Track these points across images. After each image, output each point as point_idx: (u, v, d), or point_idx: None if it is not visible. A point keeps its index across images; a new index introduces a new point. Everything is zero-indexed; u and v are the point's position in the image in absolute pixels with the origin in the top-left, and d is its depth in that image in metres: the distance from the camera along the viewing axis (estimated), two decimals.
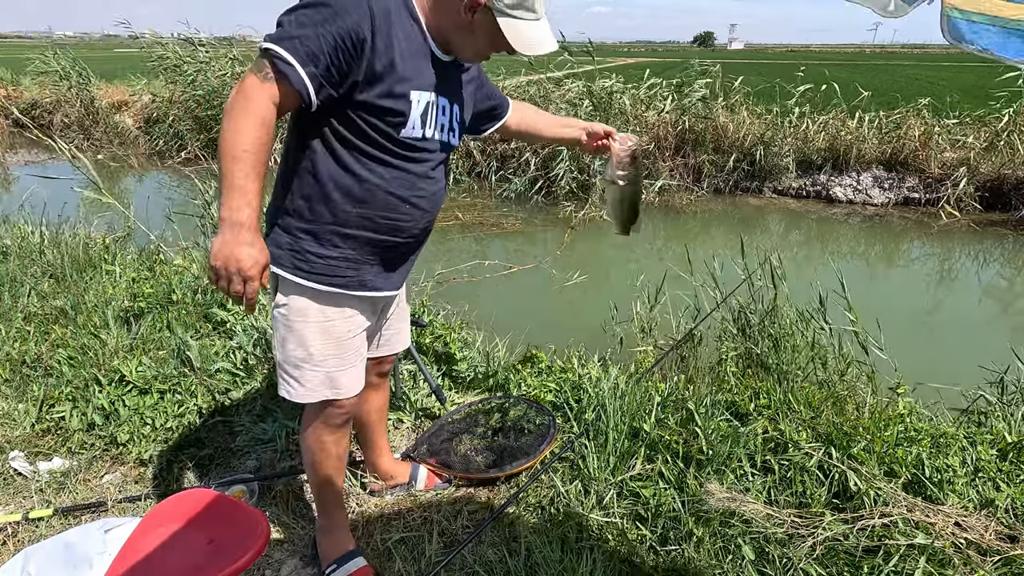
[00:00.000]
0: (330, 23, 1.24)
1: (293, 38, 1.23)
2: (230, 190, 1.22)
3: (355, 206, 1.42)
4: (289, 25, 1.25)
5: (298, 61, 1.23)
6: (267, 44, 1.24)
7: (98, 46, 68.33)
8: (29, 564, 1.68)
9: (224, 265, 1.23)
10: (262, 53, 1.25)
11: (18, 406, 2.54)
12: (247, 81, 1.25)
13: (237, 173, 1.22)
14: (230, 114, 1.23)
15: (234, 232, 1.22)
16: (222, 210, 1.22)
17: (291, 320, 1.50)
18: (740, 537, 1.79)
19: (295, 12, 1.26)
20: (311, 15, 1.25)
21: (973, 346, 4.29)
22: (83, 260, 3.96)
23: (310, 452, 1.69)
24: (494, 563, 1.79)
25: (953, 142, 8.62)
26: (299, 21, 1.25)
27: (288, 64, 1.23)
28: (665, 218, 8.30)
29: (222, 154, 1.22)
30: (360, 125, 1.36)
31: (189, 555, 1.36)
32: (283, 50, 1.22)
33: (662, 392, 2.48)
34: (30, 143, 12.92)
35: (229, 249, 1.22)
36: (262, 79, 1.24)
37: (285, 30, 1.25)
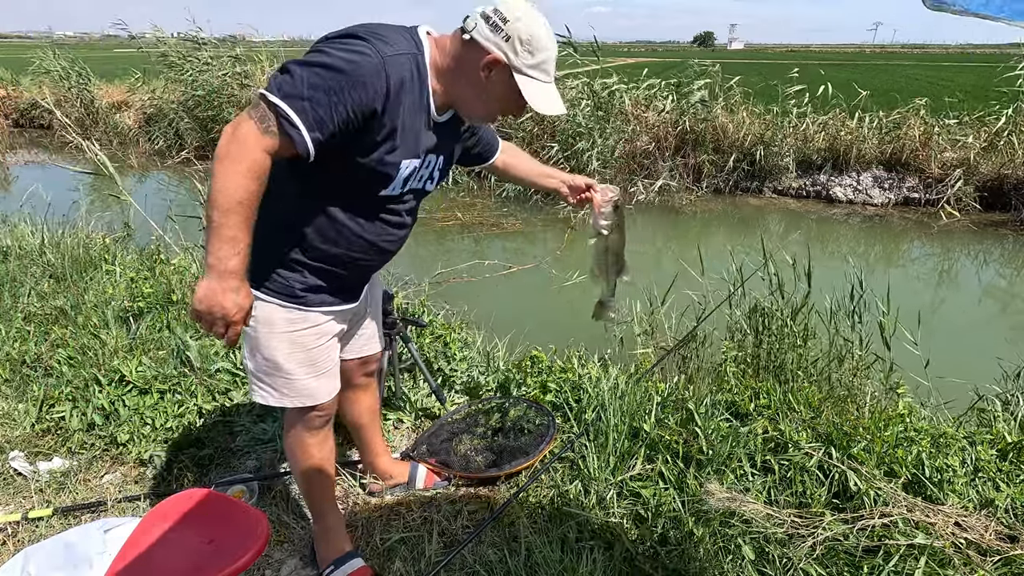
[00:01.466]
0: (345, 93, 1.21)
1: (304, 99, 1.19)
2: (220, 240, 1.20)
3: (322, 243, 1.44)
4: (300, 82, 1.19)
5: (305, 126, 1.20)
6: (275, 99, 1.18)
7: (98, 46, 68.29)
8: (29, 564, 1.68)
9: (208, 310, 1.23)
10: (268, 105, 1.19)
11: (18, 406, 2.54)
12: (244, 128, 1.19)
13: (230, 225, 1.19)
14: (224, 162, 1.18)
15: (221, 280, 1.22)
16: (210, 257, 1.20)
17: (258, 331, 1.50)
18: (740, 537, 1.79)
19: (309, 68, 1.20)
20: (327, 78, 1.20)
21: (973, 346, 4.30)
22: (83, 260, 3.96)
23: (294, 457, 1.70)
24: (494, 563, 1.79)
25: (953, 142, 8.62)
26: (312, 82, 1.19)
27: (294, 127, 1.20)
28: (665, 218, 8.30)
29: (214, 204, 1.18)
30: (343, 177, 1.37)
31: (189, 555, 1.36)
32: (292, 111, 1.19)
33: (662, 392, 2.48)
34: (30, 143, 12.94)
35: (215, 296, 1.22)
36: (262, 131, 1.19)
37: (295, 86, 1.19)
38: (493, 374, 2.87)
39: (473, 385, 2.80)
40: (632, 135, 8.93)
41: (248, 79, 11.12)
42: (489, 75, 1.33)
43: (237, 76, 11.03)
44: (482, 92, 1.37)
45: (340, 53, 1.22)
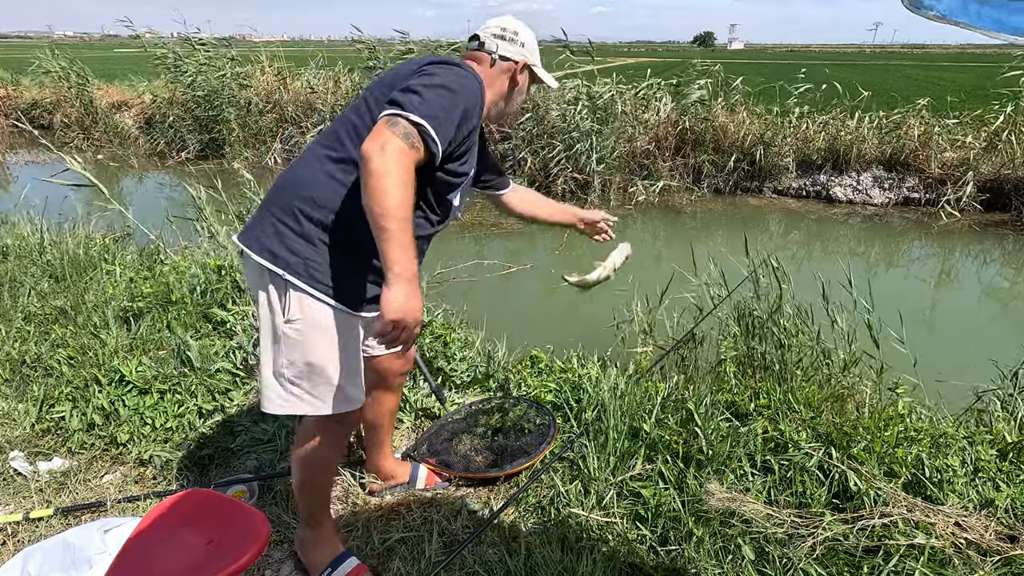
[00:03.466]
0: (461, 110, 1.41)
1: (437, 118, 1.35)
2: (398, 247, 1.30)
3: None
4: (430, 101, 1.36)
5: (441, 140, 1.37)
6: (417, 119, 1.33)
7: (98, 46, 68.28)
8: (29, 564, 1.68)
9: (404, 317, 1.31)
10: (409, 123, 1.33)
11: (18, 406, 2.54)
12: (394, 145, 1.30)
13: (406, 232, 1.30)
14: (387, 177, 1.27)
15: (410, 284, 1.31)
16: (395, 267, 1.30)
17: (309, 335, 1.48)
18: (740, 537, 1.79)
19: (432, 88, 1.38)
20: (449, 98, 1.39)
21: (973, 346, 4.30)
22: (83, 260, 3.96)
23: (309, 468, 1.67)
24: (494, 563, 1.79)
25: (953, 142, 8.62)
26: (441, 103, 1.37)
27: (434, 141, 1.36)
28: (665, 218, 8.30)
29: (388, 215, 1.28)
30: (426, 182, 1.49)
31: (189, 555, 1.36)
32: (432, 128, 1.34)
33: (662, 392, 2.48)
34: (30, 143, 12.94)
35: (409, 301, 1.31)
36: (410, 147, 1.32)
37: (428, 105, 1.35)
38: (493, 374, 2.87)
39: (473, 385, 2.80)
40: (632, 135, 8.93)
41: (248, 79, 11.11)
42: (520, 76, 1.65)
43: (236, 76, 11.02)
44: (512, 93, 1.67)
45: (453, 76, 1.43)
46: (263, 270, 1.46)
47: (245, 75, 11.16)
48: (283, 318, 1.47)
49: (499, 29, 1.63)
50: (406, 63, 1.55)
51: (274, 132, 10.60)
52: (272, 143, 10.47)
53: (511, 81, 1.65)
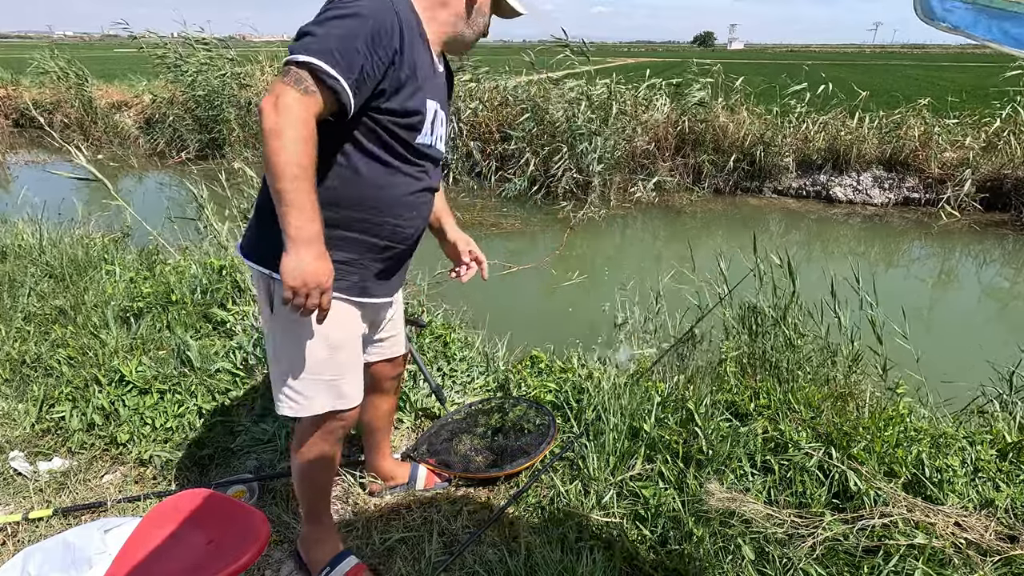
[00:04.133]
0: (365, 33, 1.24)
1: (330, 50, 1.21)
2: (294, 208, 1.21)
3: (364, 211, 1.43)
4: (323, 35, 1.22)
5: (342, 74, 1.21)
6: (305, 57, 1.20)
7: (98, 46, 68.30)
8: (29, 564, 1.68)
9: (304, 282, 1.24)
10: (298, 65, 1.21)
11: (18, 406, 2.54)
12: (286, 96, 1.19)
13: (300, 191, 1.21)
14: (276, 133, 1.18)
15: (309, 248, 1.23)
16: (289, 228, 1.22)
17: (289, 328, 1.45)
18: (740, 537, 1.79)
19: (326, 22, 1.24)
20: (346, 25, 1.23)
21: (973, 346, 4.29)
22: (83, 260, 3.96)
23: (308, 467, 1.64)
24: (494, 563, 1.79)
25: (953, 142, 8.62)
26: (335, 33, 1.22)
27: (332, 76, 1.21)
28: (665, 218, 8.30)
29: (278, 174, 1.19)
30: (379, 132, 1.37)
31: (189, 555, 1.36)
32: (324, 63, 1.20)
33: (662, 392, 2.48)
34: (30, 143, 12.93)
35: (307, 266, 1.24)
36: (302, 92, 1.20)
37: (319, 40, 1.21)
38: (493, 374, 2.87)
39: (473, 385, 2.80)
40: (632, 135, 8.93)
41: (248, 79, 11.12)
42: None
43: (236, 76, 11.02)
44: (465, 14, 1.46)
45: (348, 4, 1.25)
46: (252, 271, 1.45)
47: (245, 75, 11.16)
48: (270, 311, 1.45)
49: None
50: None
51: None
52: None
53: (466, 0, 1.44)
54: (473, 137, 9.53)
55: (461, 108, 9.52)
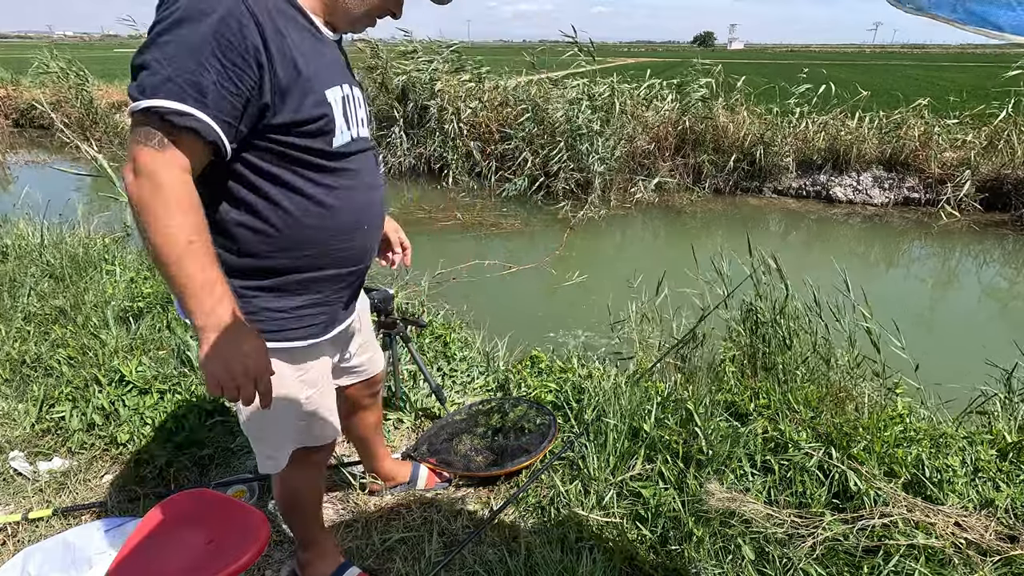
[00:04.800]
0: (208, 41, 0.96)
1: (171, 80, 0.94)
2: (194, 293, 0.99)
3: (314, 246, 1.21)
4: (157, 64, 0.95)
5: (196, 107, 0.96)
6: (145, 103, 0.94)
7: (98, 46, 68.33)
8: (29, 564, 1.68)
9: (227, 373, 1.03)
10: (141, 118, 0.96)
11: (18, 406, 2.54)
12: (141, 159, 0.96)
13: (193, 270, 0.98)
14: (147, 208, 0.96)
15: (225, 333, 1.01)
16: (194, 318, 1.01)
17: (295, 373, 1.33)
18: (740, 537, 1.79)
19: (157, 45, 0.96)
20: (180, 37, 0.95)
21: (973, 346, 4.30)
22: (83, 260, 3.96)
23: (293, 501, 1.59)
24: (494, 563, 1.79)
25: (953, 142, 8.62)
26: (169, 53, 0.95)
27: (183, 114, 0.96)
28: (665, 218, 8.30)
29: (163, 258, 0.97)
30: (285, 152, 1.11)
31: (189, 555, 1.36)
32: (171, 101, 0.94)
33: (662, 392, 2.48)
34: (30, 143, 12.94)
35: (226, 354, 1.02)
36: (157, 148, 0.96)
37: (154, 73, 0.95)
38: (493, 374, 2.87)
39: (473, 385, 2.80)
40: (632, 135, 8.93)
41: None
42: None
43: None
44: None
45: (168, 11, 0.97)
46: None
47: None
48: None
49: None
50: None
51: None
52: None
53: None
54: (473, 137, 9.53)
55: (461, 108, 9.52)
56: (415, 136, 9.87)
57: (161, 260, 0.98)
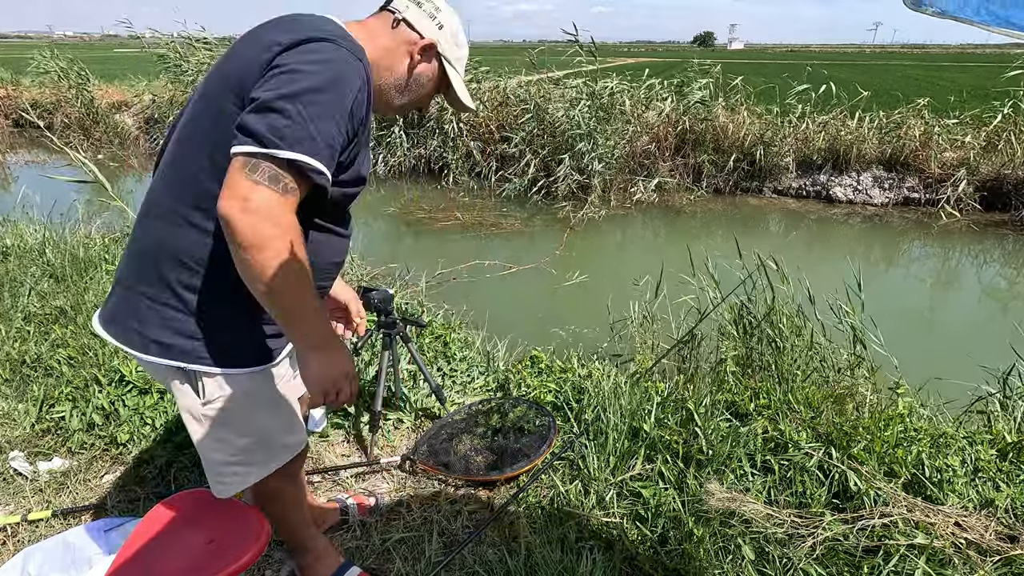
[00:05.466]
0: (344, 109, 1.07)
1: (315, 140, 1.03)
2: (307, 319, 1.11)
3: None
4: (301, 120, 1.02)
5: (327, 165, 1.06)
6: (288, 154, 1.01)
7: (98, 46, 68.34)
8: (29, 564, 1.68)
9: (334, 383, 1.17)
10: (275, 162, 1.02)
11: (18, 406, 2.54)
12: (264, 200, 1.01)
13: (308, 300, 1.10)
14: (268, 247, 1.01)
15: (329, 352, 1.15)
16: (307, 340, 1.13)
17: (235, 410, 1.28)
18: (740, 537, 1.79)
19: (299, 99, 1.02)
20: (324, 103, 1.04)
21: (973, 346, 4.30)
22: (83, 260, 3.96)
23: (281, 507, 1.56)
24: (494, 563, 1.79)
25: (953, 142, 8.62)
26: (312, 113, 1.03)
27: (322, 174, 1.06)
28: (665, 218, 8.30)
29: (282, 291, 1.05)
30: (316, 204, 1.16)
31: (189, 555, 1.36)
32: (312, 159, 1.03)
33: (662, 392, 2.48)
34: (30, 143, 12.94)
35: (332, 369, 1.16)
36: (282, 192, 1.03)
37: (299, 127, 1.02)
38: (493, 374, 2.87)
39: (473, 385, 2.80)
40: (632, 135, 8.93)
41: None
42: (419, 60, 1.26)
43: None
44: (404, 79, 1.26)
45: (321, 66, 1.05)
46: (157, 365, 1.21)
47: None
48: (200, 401, 1.26)
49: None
50: (252, 39, 1.13)
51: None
52: None
53: (408, 59, 1.25)
54: (473, 137, 9.53)
55: None
56: (415, 136, 9.87)
57: (277, 295, 1.05)
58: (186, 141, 1.18)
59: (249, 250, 1.01)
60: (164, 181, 1.19)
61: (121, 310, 1.22)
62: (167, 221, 1.16)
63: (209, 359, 1.21)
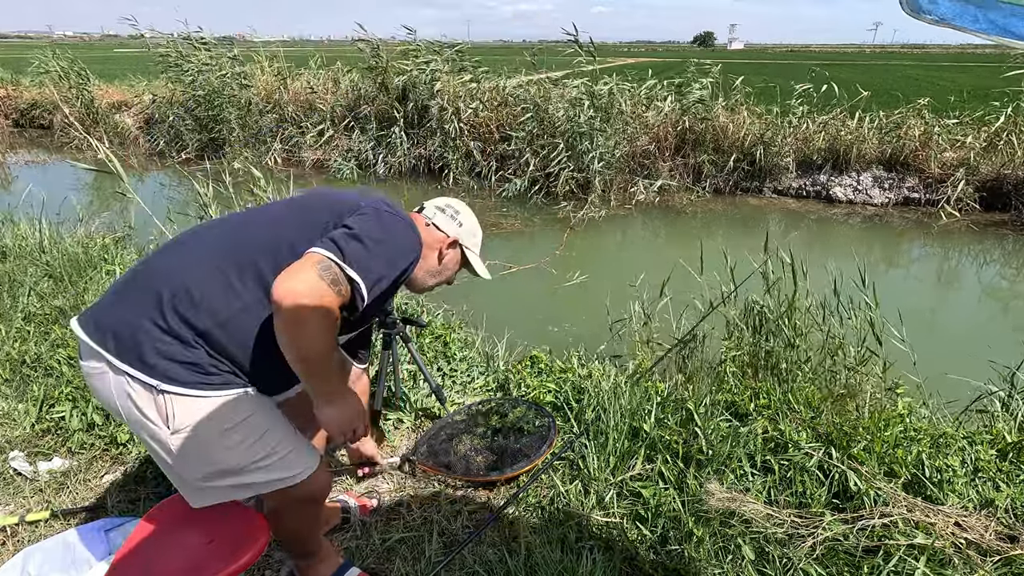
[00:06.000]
0: (400, 271, 1.39)
1: (376, 275, 1.32)
2: (327, 379, 1.34)
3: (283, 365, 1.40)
4: (371, 257, 1.30)
5: (370, 299, 1.32)
6: (353, 273, 1.27)
7: (98, 46, 68.34)
8: (29, 564, 1.68)
9: (350, 426, 1.40)
10: (344, 274, 1.27)
11: (18, 406, 2.54)
12: (320, 291, 1.23)
13: (328, 365, 1.33)
14: (316, 326, 1.24)
15: (344, 398, 1.38)
16: (326, 394, 1.36)
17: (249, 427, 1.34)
18: (740, 537, 1.79)
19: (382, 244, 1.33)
20: (393, 259, 1.37)
21: (973, 346, 4.30)
22: (83, 260, 3.96)
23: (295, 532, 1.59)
24: (494, 563, 1.79)
25: (953, 142, 8.62)
26: (383, 258, 1.33)
27: (363, 298, 1.30)
28: (665, 218, 8.30)
29: (315, 357, 1.28)
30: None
31: (189, 555, 1.36)
32: (365, 286, 1.29)
33: (662, 392, 2.48)
34: (30, 143, 12.94)
35: (346, 414, 1.39)
36: (335, 293, 1.26)
37: (367, 261, 1.30)
38: (493, 374, 2.87)
39: (473, 385, 2.80)
40: (632, 135, 8.93)
41: (248, 79, 11.11)
42: (446, 251, 1.61)
43: (237, 76, 11.02)
44: (435, 267, 1.61)
45: (401, 231, 1.40)
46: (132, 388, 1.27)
47: (245, 75, 11.15)
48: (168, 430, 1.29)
49: (444, 204, 1.65)
50: (355, 191, 1.49)
51: (274, 132, 10.60)
52: (272, 143, 10.48)
53: (439, 253, 1.60)
54: (473, 137, 9.53)
55: (461, 108, 9.52)
56: (415, 136, 9.87)
57: (312, 358, 1.28)
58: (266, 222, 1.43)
59: (296, 322, 1.22)
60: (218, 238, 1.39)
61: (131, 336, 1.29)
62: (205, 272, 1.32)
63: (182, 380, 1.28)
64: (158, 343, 1.26)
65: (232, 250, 1.35)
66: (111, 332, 1.30)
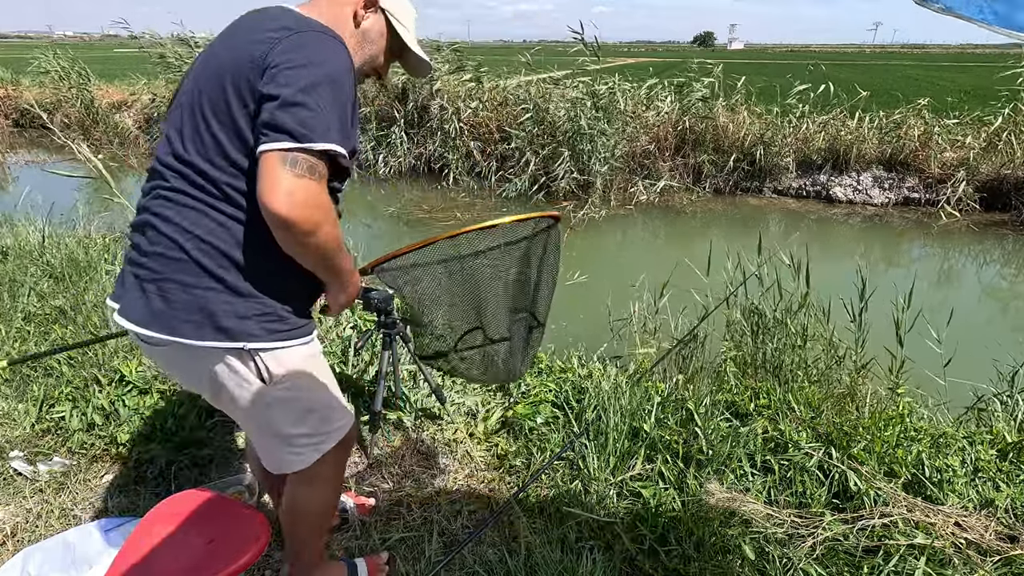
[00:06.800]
0: (349, 97, 1.20)
1: (339, 130, 1.16)
2: (345, 269, 1.34)
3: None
4: (324, 112, 1.13)
5: (349, 150, 1.20)
6: (324, 144, 1.12)
7: (98, 46, 68.37)
8: (29, 564, 1.68)
9: (349, 303, 1.43)
10: (309, 153, 1.12)
11: (18, 406, 2.54)
12: (308, 189, 1.12)
13: (345, 255, 1.31)
14: (320, 224, 1.15)
15: (352, 280, 1.39)
16: (341, 285, 1.36)
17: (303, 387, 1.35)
18: (740, 537, 1.79)
19: (319, 89, 1.13)
20: (338, 92, 1.16)
21: (973, 346, 4.29)
22: (83, 260, 3.96)
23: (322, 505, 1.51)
24: (494, 563, 1.79)
25: (953, 142, 8.62)
26: (333, 102, 1.15)
27: (343, 156, 1.18)
28: (665, 218, 8.30)
29: (331, 253, 1.23)
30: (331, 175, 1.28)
31: (189, 555, 1.36)
32: (339, 147, 1.15)
33: (662, 392, 2.48)
34: (30, 143, 12.94)
35: (352, 293, 1.41)
36: (318, 179, 1.14)
37: (323, 119, 1.12)
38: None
39: (473, 384, 2.80)
40: (633, 135, 8.93)
41: None
42: (364, 16, 1.34)
43: None
44: (354, 39, 1.33)
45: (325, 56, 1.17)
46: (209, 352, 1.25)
47: None
48: (269, 384, 1.30)
49: None
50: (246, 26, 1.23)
51: None
52: None
53: (354, 17, 1.32)
54: (473, 137, 9.53)
55: (461, 108, 9.52)
56: (415, 136, 9.87)
57: (328, 254, 1.24)
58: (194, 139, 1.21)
59: (305, 236, 1.15)
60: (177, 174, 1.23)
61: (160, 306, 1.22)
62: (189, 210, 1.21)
63: (277, 337, 1.28)
64: (223, 306, 1.23)
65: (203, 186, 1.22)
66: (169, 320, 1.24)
